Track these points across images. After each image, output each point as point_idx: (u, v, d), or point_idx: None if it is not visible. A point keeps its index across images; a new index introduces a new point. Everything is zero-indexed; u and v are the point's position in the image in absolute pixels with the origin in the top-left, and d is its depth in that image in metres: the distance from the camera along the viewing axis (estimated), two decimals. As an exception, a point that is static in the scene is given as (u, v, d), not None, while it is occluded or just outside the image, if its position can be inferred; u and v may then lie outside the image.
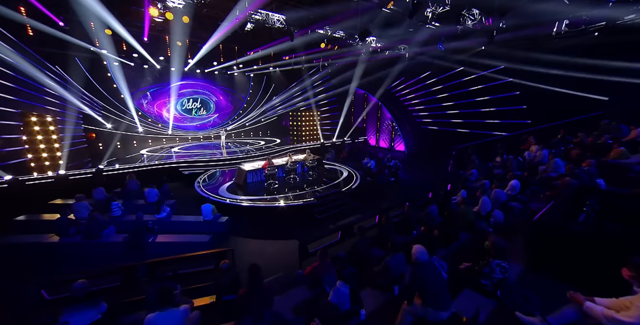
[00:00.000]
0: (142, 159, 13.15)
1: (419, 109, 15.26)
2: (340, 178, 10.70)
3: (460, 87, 13.03)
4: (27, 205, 7.83)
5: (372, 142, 18.26)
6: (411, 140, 15.69)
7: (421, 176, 11.88)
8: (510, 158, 8.62)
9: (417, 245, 2.83)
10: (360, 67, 15.66)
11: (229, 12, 8.42)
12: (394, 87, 16.14)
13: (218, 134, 17.53)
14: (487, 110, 12.23)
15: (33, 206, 7.86)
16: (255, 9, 8.32)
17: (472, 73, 12.44)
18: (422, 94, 14.94)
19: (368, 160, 12.10)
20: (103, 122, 13.67)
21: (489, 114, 12.19)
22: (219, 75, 16.43)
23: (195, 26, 9.74)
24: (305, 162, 10.76)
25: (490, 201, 5.91)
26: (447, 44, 11.61)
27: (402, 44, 13.10)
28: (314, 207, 8.32)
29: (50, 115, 11.04)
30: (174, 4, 7.61)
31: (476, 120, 12.70)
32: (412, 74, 14.95)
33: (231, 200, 8.31)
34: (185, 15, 8.03)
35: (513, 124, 11.45)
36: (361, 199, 9.26)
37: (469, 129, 12.95)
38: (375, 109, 17.66)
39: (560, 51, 9.45)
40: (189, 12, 8.14)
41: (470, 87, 12.63)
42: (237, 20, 8.83)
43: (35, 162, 10.77)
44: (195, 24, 9.54)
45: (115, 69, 13.42)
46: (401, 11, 9.02)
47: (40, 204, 8.13)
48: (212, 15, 8.51)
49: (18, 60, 9.53)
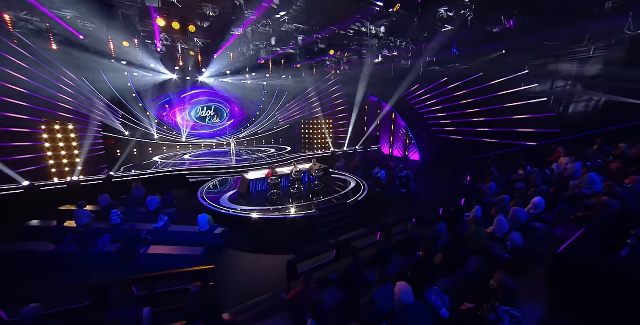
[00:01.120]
0: (156, 166, 13.45)
1: (434, 117, 14.50)
2: (347, 189, 10.21)
3: (479, 93, 12.20)
4: (41, 211, 8.07)
5: (385, 151, 17.59)
6: (426, 150, 14.88)
7: (435, 188, 11.09)
8: (535, 171, 7.74)
9: (401, 282, 2.33)
10: (372, 74, 15.25)
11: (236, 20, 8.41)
12: (409, 94, 15.52)
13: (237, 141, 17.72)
14: (510, 118, 11.29)
15: (46, 211, 8.09)
16: (259, 17, 8.26)
17: (493, 79, 11.60)
18: (439, 101, 14.20)
19: (378, 170, 11.52)
20: (121, 129, 14.21)
21: (511, 122, 11.24)
22: (232, 83, 16.68)
23: (205, 35, 9.86)
24: (311, 172, 10.39)
25: (507, 221, 5.20)
26: (465, 49, 10.93)
27: (415, 49, 12.55)
28: (316, 220, 7.89)
29: (72, 123, 11.59)
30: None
31: (498, 129, 11.77)
32: (428, 80, 14.28)
33: (229, 211, 8.08)
34: (191, 25, 8.11)
35: (539, 133, 10.45)
36: (367, 212, 8.70)
37: (490, 138, 12.01)
38: (389, 117, 17.06)
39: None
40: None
41: (490, 93, 11.77)
42: (242, 28, 8.82)
43: (56, 168, 11.29)
44: (204, 33, 9.67)
45: (134, 79, 14.00)
46: (412, 15, 8.57)
47: (52, 210, 8.37)
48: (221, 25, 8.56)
49: (45, 72, 10.15)
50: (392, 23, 9.67)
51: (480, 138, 12.28)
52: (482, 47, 10.58)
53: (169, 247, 6.27)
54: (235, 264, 6.24)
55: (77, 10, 7.88)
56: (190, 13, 7.91)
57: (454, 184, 10.73)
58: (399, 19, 8.99)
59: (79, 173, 11.07)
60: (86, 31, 8.93)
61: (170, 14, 7.68)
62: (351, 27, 10.15)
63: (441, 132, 14.23)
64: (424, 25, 9.51)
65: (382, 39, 11.09)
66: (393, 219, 7.66)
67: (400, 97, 15.86)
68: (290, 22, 9.17)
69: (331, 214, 8.18)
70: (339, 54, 11.71)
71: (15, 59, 9.13)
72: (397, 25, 9.82)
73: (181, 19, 7.90)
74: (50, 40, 9.04)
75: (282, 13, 8.45)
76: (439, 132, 14.32)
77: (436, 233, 5.62)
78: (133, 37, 9.68)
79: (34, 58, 9.58)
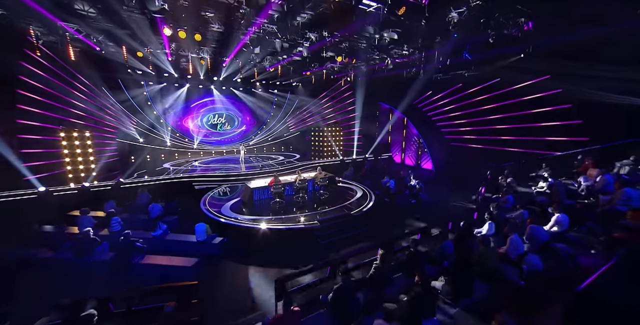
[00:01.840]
0: (168, 172, 13.67)
1: (448, 124, 13.86)
2: (353, 198, 9.80)
3: (496, 100, 11.52)
4: (52, 216, 8.22)
5: (397, 159, 17.00)
6: (439, 158, 14.19)
7: (447, 199, 10.41)
8: (558, 183, 7.04)
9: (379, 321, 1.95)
10: (383, 81, 14.91)
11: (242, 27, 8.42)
12: (421, 101, 14.99)
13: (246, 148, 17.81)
14: (531, 125, 10.51)
15: (57, 216, 8.23)
16: (263, 22, 8.24)
17: (511, 84, 10.92)
18: (452, 108, 13.58)
19: (387, 179, 11.02)
20: (137, 136, 14.63)
21: (532, 129, 10.45)
22: (243, 91, 16.88)
23: (213, 43, 10.00)
24: (316, 180, 10.09)
25: (523, 240, 4.63)
26: (479, 53, 10.39)
27: (427, 55, 12.12)
28: (318, 231, 7.54)
29: (89, 130, 12.02)
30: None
31: (516, 137, 11.00)
32: (441, 87, 13.74)
33: (227, 220, 7.89)
34: (197, 34, 8.20)
35: (564, 142, 9.64)
36: (373, 223, 8.24)
37: (507, 146, 11.24)
38: (401, 125, 16.53)
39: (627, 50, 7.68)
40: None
41: (509, 99, 11.07)
42: (248, 35, 8.83)
43: (72, 174, 11.66)
44: (212, 41, 9.81)
45: (149, 87, 14.48)
46: (420, 19, 8.24)
47: (62, 215, 8.52)
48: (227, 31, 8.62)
49: (65, 81, 10.64)
50: (401, 28, 9.37)
51: (496, 146, 11.53)
52: (498, 51, 10.00)
53: (164, 257, 6.13)
54: (228, 277, 5.99)
55: (92, 24, 8.22)
56: (196, 22, 8.00)
57: (467, 195, 10.03)
58: (407, 24, 8.69)
59: (92, 179, 11.36)
60: (103, 42, 9.29)
61: (177, 23, 7.80)
62: (359, 34, 9.95)
63: (455, 139, 13.56)
64: (434, 30, 9.13)
65: (392, 45, 10.80)
66: (399, 232, 7.19)
67: (412, 104, 15.37)
68: (297, 29, 9.10)
69: (334, 225, 7.81)
70: (346, 60, 11.48)
71: (37, 70, 9.60)
72: (406, 31, 9.51)
73: (187, 28, 8.00)
74: (69, 52, 9.46)
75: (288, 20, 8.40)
76: (453, 139, 13.64)
77: (441, 251, 5.11)
78: (146, 47, 9.99)
79: (54, 68, 10.06)
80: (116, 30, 8.61)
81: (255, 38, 9.40)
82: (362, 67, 13.84)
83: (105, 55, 10.44)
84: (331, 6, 7.55)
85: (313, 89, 17.50)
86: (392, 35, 10.03)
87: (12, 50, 8.74)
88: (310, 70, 14.07)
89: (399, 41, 10.55)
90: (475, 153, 12.33)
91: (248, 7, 7.60)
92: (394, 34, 9.90)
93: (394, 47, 11.20)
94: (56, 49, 9.65)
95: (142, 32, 8.66)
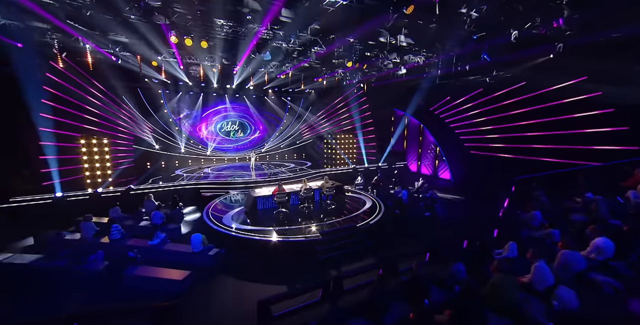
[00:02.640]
0: (182, 178, 13.84)
1: (467, 131, 12.90)
2: (360, 209, 9.18)
3: (522, 105, 10.52)
4: (63, 221, 8.41)
5: (412, 168, 16.09)
6: (458, 168, 13.18)
7: (466, 213, 9.47)
8: (599, 199, 6.02)
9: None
10: (397, 87, 14.33)
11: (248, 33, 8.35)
12: (438, 107, 14.17)
13: (256, 156, 17.81)
14: (565, 132, 9.40)
15: (68, 222, 8.40)
16: (267, 27, 8.10)
17: (539, 88, 9.92)
18: (472, 114, 12.64)
19: (399, 190, 10.31)
20: (153, 143, 15.05)
21: (566, 137, 9.34)
22: (255, 98, 16.98)
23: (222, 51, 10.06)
24: (322, 190, 9.60)
25: (551, 268, 3.82)
26: (501, 55, 9.54)
27: (444, 58, 11.43)
28: (319, 245, 7.01)
29: (106, 138, 12.49)
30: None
31: (547, 146, 9.89)
32: (459, 92, 12.89)
33: (225, 230, 7.59)
34: (203, 41, 8.22)
35: (607, 151, 8.47)
36: (380, 238, 7.57)
37: (536, 155, 10.12)
38: (417, 132, 15.70)
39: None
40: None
41: (537, 104, 10.05)
42: (254, 41, 8.73)
43: (90, 180, 12.07)
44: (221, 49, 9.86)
45: (166, 96, 14.94)
46: (433, 19, 7.68)
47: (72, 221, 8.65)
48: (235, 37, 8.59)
49: (84, 90, 11.16)
50: (413, 31, 8.86)
51: (523, 156, 10.43)
52: (523, 52, 9.13)
53: (156, 268, 5.88)
54: (216, 294, 5.60)
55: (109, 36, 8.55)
56: (202, 29, 8.03)
57: (488, 209, 9.03)
58: (419, 25, 8.17)
59: (107, 184, 11.66)
60: (119, 53, 9.65)
61: (183, 30, 7.86)
62: (369, 37, 9.56)
63: (474, 147, 12.54)
64: (449, 30, 8.51)
65: (405, 48, 10.29)
66: (408, 249, 6.49)
67: (429, 111, 14.59)
68: (304, 34, 8.90)
69: (337, 239, 7.24)
70: (357, 65, 11.08)
71: (59, 80, 10.12)
72: (419, 34, 8.96)
73: (194, 35, 8.03)
74: (88, 62, 9.90)
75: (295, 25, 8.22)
76: (473, 148, 12.63)
77: (453, 276, 4.39)
78: (159, 56, 10.24)
79: (75, 78, 10.57)
80: (128, 40, 8.89)
81: (262, 44, 9.29)
82: (374, 72, 13.38)
83: (122, 65, 10.85)
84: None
85: (325, 95, 17.25)
86: (405, 39, 9.56)
87: (39, 62, 9.28)
88: (322, 77, 13.83)
89: (412, 45, 10.04)
90: (498, 162, 11.27)
91: (254, 13, 7.51)
92: (407, 38, 9.41)
93: (408, 51, 10.68)
94: (76, 59, 10.17)
95: (154, 41, 8.87)
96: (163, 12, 6.99)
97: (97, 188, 11.02)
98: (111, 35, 8.59)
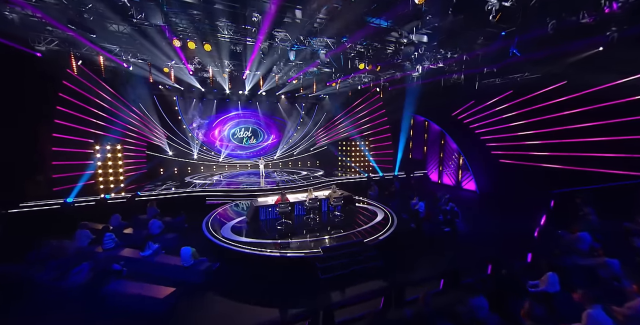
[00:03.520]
0: (193, 185, 13.72)
1: (495, 138, 11.68)
2: (371, 222, 8.34)
3: (562, 108, 9.24)
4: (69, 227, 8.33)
5: (433, 178, 14.92)
6: (484, 177, 11.92)
7: (493, 230, 8.30)
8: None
9: None
10: (416, 91, 13.43)
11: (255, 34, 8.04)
12: (462, 112, 13.07)
13: (266, 163, 17.49)
14: (616, 139, 8.02)
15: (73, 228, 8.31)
16: (271, 30, 7.72)
17: (585, 87, 8.61)
18: (501, 119, 11.44)
19: (416, 201, 9.32)
20: (167, 150, 15.19)
21: (620, 144, 7.91)
22: (268, 104, 16.76)
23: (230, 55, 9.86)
24: (330, 200, 8.89)
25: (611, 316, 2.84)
26: (535, 50, 8.42)
27: (468, 58, 10.45)
28: (320, 262, 6.28)
29: (120, 144, 12.68)
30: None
31: (595, 154, 8.51)
32: (486, 95, 11.76)
33: (221, 242, 7.06)
34: (206, 43, 7.99)
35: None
36: (391, 256, 6.70)
37: (581, 165, 8.75)
38: (438, 139, 14.60)
39: None
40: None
41: (581, 107, 8.75)
42: (259, 42, 8.39)
43: (104, 185, 12.22)
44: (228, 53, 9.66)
45: (180, 103, 15.11)
46: (451, 11, 6.88)
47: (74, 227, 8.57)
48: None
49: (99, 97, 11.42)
50: (431, 28, 8.09)
51: (566, 165, 9.06)
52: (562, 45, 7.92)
53: (139, 284, 5.43)
54: (201, 316, 5.01)
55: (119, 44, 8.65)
56: (205, 32, 7.82)
57: (520, 225, 7.83)
58: (436, 20, 7.40)
59: (119, 190, 11.70)
60: (131, 60, 9.76)
61: (186, 34, 7.69)
62: (382, 36, 8.92)
63: (504, 156, 11.27)
64: (471, 24, 7.63)
65: (422, 47, 9.51)
66: (420, 272, 5.59)
67: (451, 116, 13.51)
68: (312, 35, 8.45)
69: (340, 256, 6.48)
70: (369, 67, 10.41)
71: (74, 87, 10.37)
72: (438, 30, 8.17)
73: (197, 39, 7.84)
74: (102, 69, 10.07)
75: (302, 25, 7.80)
76: (502, 156, 11.37)
77: (471, 312, 3.51)
78: (169, 62, 10.23)
79: (90, 85, 10.81)
80: (138, 47, 8.93)
81: (269, 47, 8.93)
82: (390, 75, 12.64)
83: (137, 72, 10.99)
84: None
85: (340, 101, 16.65)
86: (421, 37, 8.81)
87: (56, 70, 9.56)
88: (335, 81, 13.30)
89: (429, 44, 9.24)
90: (532, 172, 9.95)
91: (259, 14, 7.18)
92: (423, 36, 8.66)
93: (426, 51, 9.87)
94: (92, 67, 10.41)
95: (164, 47, 8.83)
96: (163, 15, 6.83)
97: (104, 194, 11.09)
98: (123, 44, 8.66)
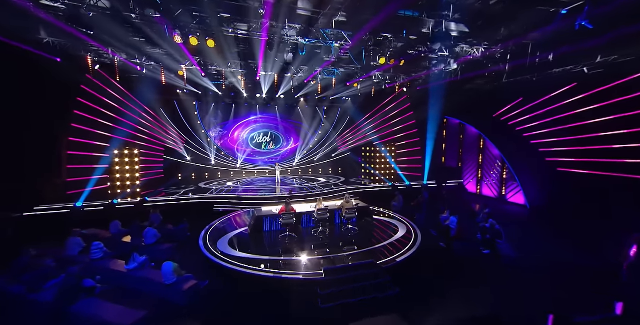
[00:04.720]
0: (211, 191, 13.37)
1: (550, 142, 9.62)
2: (389, 239, 6.96)
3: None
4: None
5: (470, 189, 12.93)
6: (536, 189, 9.82)
7: (551, 254, 6.41)
8: None
9: None
10: (450, 89, 11.80)
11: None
12: (506, 112, 11.16)
13: (285, 169, 16.76)
14: None
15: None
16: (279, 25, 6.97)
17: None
18: (560, 119, 9.39)
19: (447, 216, 7.75)
20: (185, 155, 15.13)
21: None
22: (287, 108, 16.13)
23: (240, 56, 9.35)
24: (342, 211, 7.68)
25: None
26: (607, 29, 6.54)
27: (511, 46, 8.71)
28: (322, 287, 5.11)
29: (137, 148, 12.73)
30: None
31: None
32: (539, 90, 9.83)
33: (215, 257, 6.19)
34: (210, 39, 7.44)
35: None
36: (410, 283, 5.30)
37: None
38: (477, 144, 12.67)
39: None
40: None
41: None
42: (264, 38, 7.67)
43: (120, 189, 12.25)
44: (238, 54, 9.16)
45: (199, 107, 15.05)
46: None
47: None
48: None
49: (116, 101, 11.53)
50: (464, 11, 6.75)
51: None
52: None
53: (109, 304, 4.71)
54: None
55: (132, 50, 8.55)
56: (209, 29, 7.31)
57: (589, 250, 5.90)
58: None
59: (127, 195, 11.58)
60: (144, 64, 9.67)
61: (188, 30, 7.23)
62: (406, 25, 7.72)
63: (562, 163, 9.19)
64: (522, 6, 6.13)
65: (456, 37, 8.14)
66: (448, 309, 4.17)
67: (493, 117, 11.62)
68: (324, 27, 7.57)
69: (347, 280, 5.24)
70: (391, 61, 9.15)
71: (92, 91, 10.51)
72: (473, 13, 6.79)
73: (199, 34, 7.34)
74: (117, 73, 10.10)
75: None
76: (560, 163, 9.28)
77: None
78: (181, 64, 9.99)
79: (108, 89, 10.94)
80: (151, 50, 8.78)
81: (278, 42, 8.17)
82: (418, 72, 11.24)
83: (153, 76, 10.92)
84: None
85: (363, 103, 15.39)
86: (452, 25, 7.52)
87: (75, 75, 9.75)
88: (356, 81, 12.22)
89: (466, 33, 7.84)
90: (604, 185, 7.83)
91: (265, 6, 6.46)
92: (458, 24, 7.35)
93: (460, 40, 8.45)
94: (110, 71, 10.50)
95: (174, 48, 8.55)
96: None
97: (125, 198, 10.99)
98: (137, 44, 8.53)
